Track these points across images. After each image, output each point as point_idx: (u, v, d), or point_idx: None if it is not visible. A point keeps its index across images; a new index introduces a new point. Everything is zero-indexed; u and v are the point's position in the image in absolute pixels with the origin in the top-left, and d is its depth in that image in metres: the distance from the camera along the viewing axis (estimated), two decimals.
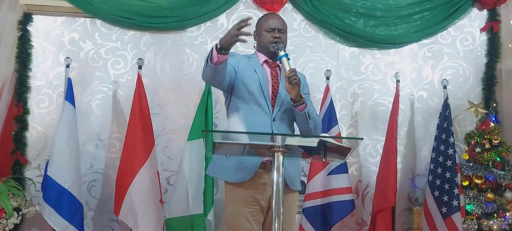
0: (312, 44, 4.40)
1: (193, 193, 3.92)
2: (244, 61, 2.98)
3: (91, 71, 4.23)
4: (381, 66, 4.43)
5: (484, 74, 4.41)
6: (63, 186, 3.78)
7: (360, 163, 4.38)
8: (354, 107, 4.41)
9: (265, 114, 2.86)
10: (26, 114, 4.13)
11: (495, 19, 4.43)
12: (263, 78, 2.92)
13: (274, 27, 2.95)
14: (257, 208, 2.84)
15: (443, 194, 3.97)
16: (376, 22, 4.39)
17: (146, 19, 4.22)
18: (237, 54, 3.04)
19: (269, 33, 2.94)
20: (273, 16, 3.08)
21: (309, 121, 2.84)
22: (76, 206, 3.84)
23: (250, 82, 2.89)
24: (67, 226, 3.78)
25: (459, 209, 3.89)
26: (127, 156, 3.90)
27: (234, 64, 2.91)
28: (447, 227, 3.92)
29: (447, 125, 4.05)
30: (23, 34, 4.17)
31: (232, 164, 2.82)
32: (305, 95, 2.94)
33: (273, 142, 2.39)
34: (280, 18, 3.06)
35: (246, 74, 2.92)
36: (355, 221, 4.34)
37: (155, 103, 4.23)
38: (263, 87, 2.89)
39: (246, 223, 2.83)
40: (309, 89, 3.13)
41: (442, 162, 4.02)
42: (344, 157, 2.54)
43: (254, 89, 2.88)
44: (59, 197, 3.76)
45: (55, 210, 3.75)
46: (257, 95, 2.87)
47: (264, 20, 3.02)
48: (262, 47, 2.99)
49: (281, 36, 2.94)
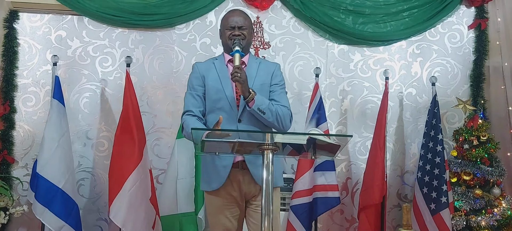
0: (301, 41, 4.39)
1: (183, 191, 3.91)
2: (207, 72, 2.92)
3: (79, 69, 4.20)
4: (370, 64, 4.44)
5: (472, 71, 4.44)
6: (57, 185, 3.75)
7: (350, 160, 4.39)
8: (343, 105, 4.41)
9: (230, 118, 2.81)
10: (13, 113, 4.09)
11: (483, 16, 4.45)
12: (225, 82, 2.86)
13: (234, 25, 2.89)
14: (233, 204, 2.86)
15: (432, 191, 3.99)
16: (365, 19, 4.40)
17: (134, 17, 4.19)
18: (199, 67, 2.96)
19: (229, 31, 2.90)
20: (234, 13, 2.98)
21: (264, 116, 2.75)
22: (70, 205, 3.80)
23: (213, 91, 2.86)
24: (63, 225, 3.75)
25: (447, 206, 3.91)
26: (120, 155, 3.84)
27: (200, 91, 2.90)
28: (436, 223, 3.95)
29: (435, 122, 4.07)
30: (9, 31, 4.13)
31: (207, 171, 2.87)
32: (273, 86, 2.91)
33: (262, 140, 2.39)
34: (241, 14, 2.97)
35: (210, 84, 2.88)
36: (345, 218, 4.35)
37: (144, 102, 4.21)
38: (226, 91, 2.84)
39: (225, 220, 2.85)
40: (281, 79, 3.01)
41: (430, 158, 4.04)
42: (333, 154, 2.53)
43: (217, 96, 2.85)
44: (53, 196, 3.72)
45: (49, 209, 3.71)
46: (221, 102, 2.83)
47: (225, 19, 2.96)
48: (225, 46, 2.96)
49: (241, 33, 2.88)
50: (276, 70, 2.98)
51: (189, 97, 2.92)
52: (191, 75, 2.98)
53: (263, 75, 2.92)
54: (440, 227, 3.94)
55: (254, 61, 2.97)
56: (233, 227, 2.87)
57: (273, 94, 2.92)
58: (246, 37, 2.90)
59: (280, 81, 2.98)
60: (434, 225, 3.97)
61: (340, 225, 4.35)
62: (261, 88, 2.85)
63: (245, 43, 2.89)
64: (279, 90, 2.95)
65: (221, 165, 2.81)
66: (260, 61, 3.01)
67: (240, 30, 2.89)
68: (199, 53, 4.27)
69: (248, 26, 2.94)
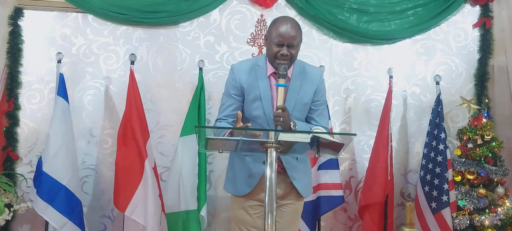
0: (305, 40, 4.33)
1: (186, 189, 3.92)
2: (248, 83, 2.80)
3: (83, 66, 4.21)
4: (374, 62, 4.43)
5: (476, 70, 4.42)
6: (61, 182, 3.75)
7: (353, 159, 4.39)
8: (347, 103, 4.41)
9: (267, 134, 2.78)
10: (17, 110, 4.10)
11: (488, 15, 4.44)
12: (266, 99, 2.77)
13: (283, 43, 2.70)
14: (257, 203, 2.85)
15: (433, 189, 3.99)
16: (369, 18, 4.39)
17: (139, 14, 4.19)
18: (239, 74, 2.83)
19: (277, 47, 2.72)
20: (283, 25, 2.73)
21: None
22: (74, 202, 3.81)
23: (252, 106, 2.80)
24: (66, 222, 3.76)
25: (448, 204, 3.92)
26: (125, 153, 3.84)
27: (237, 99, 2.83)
28: (437, 222, 3.95)
29: (439, 121, 4.07)
30: (14, 29, 4.13)
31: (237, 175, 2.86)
32: (315, 103, 2.86)
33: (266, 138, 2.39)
34: (293, 28, 2.73)
35: (249, 99, 2.80)
36: (348, 216, 4.35)
37: (148, 99, 4.21)
38: (265, 110, 2.77)
39: (247, 216, 2.84)
40: (323, 93, 2.92)
41: (433, 157, 4.04)
42: (337, 152, 2.54)
43: (256, 113, 2.79)
44: (56, 193, 3.73)
45: (52, 206, 3.72)
46: (259, 119, 2.79)
47: (274, 28, 2.75)
48: (269, 58, 2.80)
49: (289, 53, 2.72)
50: (320, 84, 2.88)
51: (224, 104, 2.87)
52: (229, 80, 2.88)
53: (307, 93, 2.84)
54: (441, 226, 3.94)
55: (297, 76, 2.84)
56: (254, 224, 2.84)
57: (314, 112, 2.88)
58: (293, 56, 2.75)
59: (322, 96, 2.91)
60: (435, 224, 3.97)
61: (344, 224, 4.35)
62: (303, 107, 2.83)
63: (292, 61, 2.78)
64: (320, 108, 2.90)
65: (253, 175, 2.79)
66: (304, 71, 2.87)
67: (289, 49, 2.71)
68: (203, 51, 4.27)
69: (298, 42, 2.76)
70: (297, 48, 2.78)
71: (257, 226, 2.84)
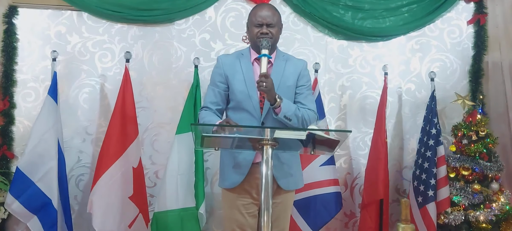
0: (300, 37, 4.40)
1: (183, 187, 3.92)
2: (231, 70, 2.87)
3: (78, 64, 4.20)
4: (369, 59, 4.44)
5: (471, 66, 4.44)
6: (31, 179, 3.73)
7: (349, 155, 4.40)
8: (343, 100, 4.42)
9: (253, 119, 2.80)
10: (12, 109, 4.09)
11: (482, 11, 4.46)
12: (250, 84, 2.82)
13: (262, 22, 2.82)
14: (249, 201, 2.85)
15: (420, 184, 4.02)
16: (364, 14, 4.40)
17: (134, 12, 4.18)
18: (223, 63, 2.91)
19: (257, 28, 2.82)
20: (262, 8, 2.89)
21: (290, 122, 2.73)
22: (42, 201, 3.75)
23: (237, 92, 2.83)
24: (32, 217, 3.75)
25: (434, 199, 3.94)
26: (103, 150, 3.86)
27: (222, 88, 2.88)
28: (422, 216, 3.98)
29: (431, 117, 4.09)
30: (9, 27, 4.11)
31: (226, 168, 2.87)
32: (300, 87, 2.89)
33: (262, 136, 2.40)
34: (270, 9, 2.88)
35: (234, 85, 2.85)
36: (344, 212, 4.36)
37: (143, 97, 4.21)
38: (251, 94, 2.80)
39: (239, 215, 2.84)
40: (308, 79, 2.98)
41: (423, 152, 4.09)
42: (333, 149, 2.55)
43: (242, 97, 2.82)
44: (25, 189, 3.71)
45: (18, 201, 3.71)
46: (245, 103, 2.81)
47: (252, 13, 2.89)
48: (252, 42, 2.90)
49: (270, 31, 2.80)
50: (303, 70, 2.94)
51: (209, 93, 2.91)
52: (214, 70, 2.94)
53: (290, 75, 2.89)
54: (425, 221, 3.97)
55: (281, 59, 2.91)
56: (247, 223, 2.85)
57: (299, 96, 2.90)
58: (274, 35, 2.82)
59: (307, 81, 2.95)
60: (420, 219, 3.99)
61: (340, 220, 4.36)
62: (287, 90, 2.84)
63: (273, 41, 2.83)
64: (306, 92, 2.92)
65: (240, 164, 2.81)
66: (287, 59, 2.96)
67: (268, 28, 2.80)
68: (198, 49, 4.27)
69: (277, 22, 2.85)
70: (276, 28, 2.86)
71: (250, 225, 2.85)
